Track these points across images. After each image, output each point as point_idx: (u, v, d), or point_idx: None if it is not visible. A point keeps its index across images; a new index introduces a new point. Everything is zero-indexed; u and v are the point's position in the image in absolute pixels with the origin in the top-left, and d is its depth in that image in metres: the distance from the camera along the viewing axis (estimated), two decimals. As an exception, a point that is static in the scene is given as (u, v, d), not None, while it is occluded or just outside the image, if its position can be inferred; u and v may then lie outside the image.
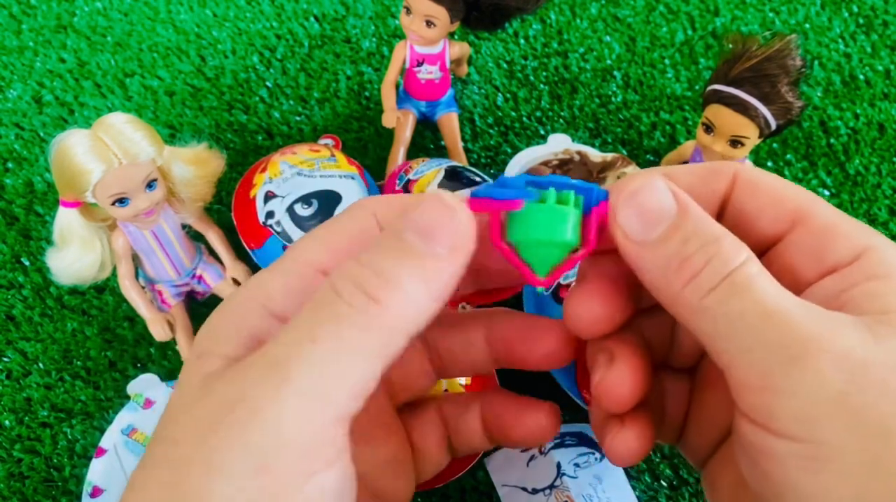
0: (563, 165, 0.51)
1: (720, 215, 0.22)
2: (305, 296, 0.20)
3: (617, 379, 0.21)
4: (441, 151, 0.58)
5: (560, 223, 0.19)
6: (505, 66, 0.63)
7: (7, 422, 0.45)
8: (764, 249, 0.21)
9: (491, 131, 0.59)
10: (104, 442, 0.43)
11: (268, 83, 0.61)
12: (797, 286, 0.20)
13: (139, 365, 0.47)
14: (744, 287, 0.18)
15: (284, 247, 0.46)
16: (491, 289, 0.24)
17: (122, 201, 0.40)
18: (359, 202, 0.22)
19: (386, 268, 0.18)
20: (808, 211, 0.20)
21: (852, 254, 0.19)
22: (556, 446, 0.41)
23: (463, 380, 0.43)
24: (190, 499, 0.16)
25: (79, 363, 0.47)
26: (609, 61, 0.64)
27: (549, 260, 0.20)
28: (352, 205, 0.22)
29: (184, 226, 0.47)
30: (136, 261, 0.46)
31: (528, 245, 0.20)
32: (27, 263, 0.51)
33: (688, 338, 0.24)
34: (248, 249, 0.48)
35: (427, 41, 0.52)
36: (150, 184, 0.41)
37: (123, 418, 0.44)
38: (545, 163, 0.52)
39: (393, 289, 0.17)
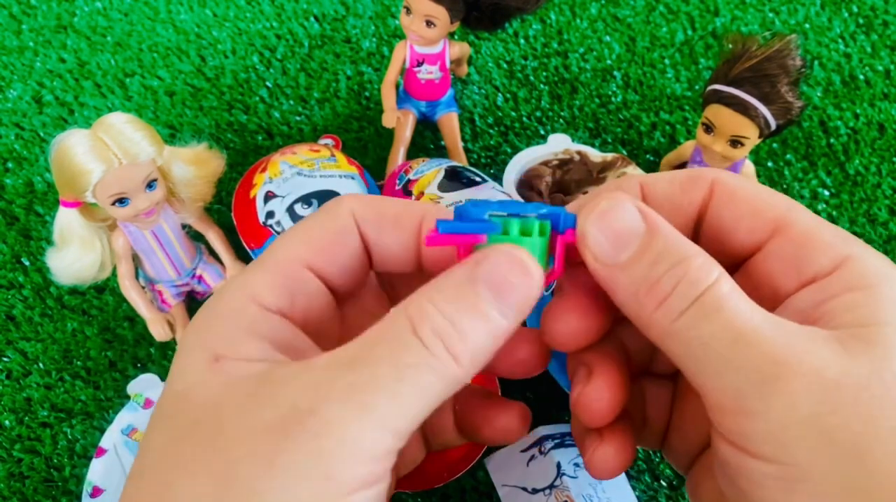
0: (563, 165, 0.51)
1: (699, 224, 0.22)
2: (291, 291, 0.21)
3: (594, 394, 0.21)
4: (441, 151, 0.58)
5: None
6: (505, 66, 0.63)
7: (7, 422, 0.45)
8: (743, 259, 0.21)
9: (491, 131, 0.59)
10: (104, 442, 0.43)
11: (268, 83, 0.61)
12: (776, 297, 0.20)
13: (139, 365, 0.47)
14: (714, 308, 0.18)
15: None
16: None
17: (122, 201, 0.40)
18: (336, 199, 0.22)
19: (462, 322, 0.18)
20: (787, 219, 0.20)
21: (832, 263, 0.19)
22: (556, 446, 0.41)
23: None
24: (245, 494, 0.16)
25: (79, 363, 0.47)
26: (609, 61, 0.64)
27: None
28: (328, 203, 0.22)
29: (184, 226, 0.47)
30: (136, 261, 0.46)
31: None
32: (27, 263, 0.51)
33: None
34: (248, 249, 0.48)
35: (427, 41, 0.52)
36: (150, 184, 0.41)
37: (123, 418, 0.44)
38: (545, 163, 0.52)
39: (467, 346, 0.18)
